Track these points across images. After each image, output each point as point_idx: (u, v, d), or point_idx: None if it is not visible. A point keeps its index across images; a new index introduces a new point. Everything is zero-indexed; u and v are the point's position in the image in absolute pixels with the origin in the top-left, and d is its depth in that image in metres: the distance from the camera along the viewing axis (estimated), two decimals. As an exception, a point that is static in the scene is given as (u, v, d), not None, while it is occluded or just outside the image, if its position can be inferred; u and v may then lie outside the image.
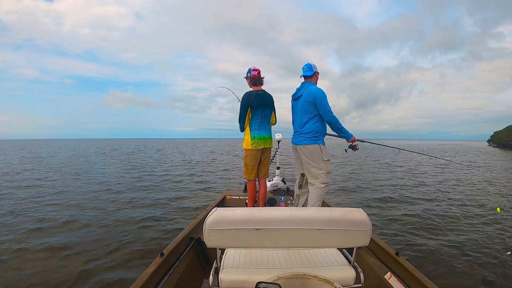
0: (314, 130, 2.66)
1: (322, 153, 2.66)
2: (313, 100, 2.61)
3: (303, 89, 2.70)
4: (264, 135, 2.95)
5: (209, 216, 1.19)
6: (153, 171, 11.49)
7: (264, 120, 2.95)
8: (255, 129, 2.91)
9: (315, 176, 2.65)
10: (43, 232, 4.05)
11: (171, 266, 1.90)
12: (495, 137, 62.53)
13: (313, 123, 2.67)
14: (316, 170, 2.65)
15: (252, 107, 2.87)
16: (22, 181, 8.76)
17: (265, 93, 2.97)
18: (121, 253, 3.29)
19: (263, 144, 2.94)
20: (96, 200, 6.15)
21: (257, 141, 2.90)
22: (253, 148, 2.91)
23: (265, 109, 2.94)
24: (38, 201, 6.03)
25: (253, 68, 2.95)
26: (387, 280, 1.85)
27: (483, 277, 2.79)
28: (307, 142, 2.66)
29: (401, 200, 6.09)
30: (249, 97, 2.87)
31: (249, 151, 2.94)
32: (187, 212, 5.13)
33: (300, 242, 1.22)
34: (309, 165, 2.67)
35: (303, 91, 2.69)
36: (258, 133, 2.91)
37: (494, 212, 5.06)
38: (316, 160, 2.65)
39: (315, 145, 2.66)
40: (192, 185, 8.04)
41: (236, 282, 1.32)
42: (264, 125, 2.95)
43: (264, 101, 2.91)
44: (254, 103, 2.85)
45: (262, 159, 3.05)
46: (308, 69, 2.75)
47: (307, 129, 2.67)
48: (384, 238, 3.63)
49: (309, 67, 2.75)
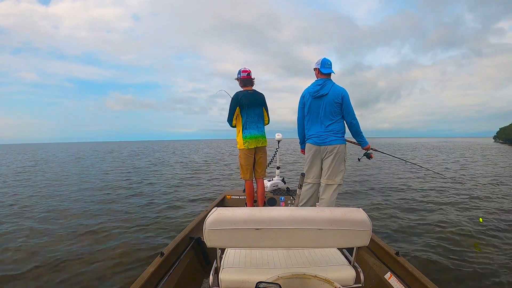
0: (342, 129, 2.64)
1: (345, 153, 2.66)
2: (341, 100, 2.55)
3: (328, 88, 2.55)
4: (256, 134, 2.95)
5: (209, 216, 1.19)
6: (152, 170, 11.49)
7: (255, 119, 2.96)
8: (246, 128, 2.93)
9: (336, 177, 2.60)
10: (42, 232, 4.06)
11: (171, 266, 1.90)
12: (501, 133, 61.70)
13: (339, 123, 2.62)
14: (338, 172, 2.60)
15: (241, 106, 2.89)
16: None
17: (255, 92, 2.99)
18: (121, 253, 3.29)
19: (255, 143, 2.94)
20: (96, 200, 6.16)
21: (249, 141, 2.91)
22: (245, 148, 2.92)
23: (255, 108, 2.95)
24: (36, 200, 6.04)
25: (243, 69, 2.97)
26: (387, 280, 1.85)
27: (484, 277, 2.79)
28: (338, 142, 2.59)
29: (401, 200, 6.09)
30: (238, 96, 2.91)
31: (242, 151, 2.96)
32: (187, 212, 5.13)
33: (300, 242, 1.22)
34: (334, 165, 2.58)
35: (329, 90, 2.55)
36: (249, 132, 2.92)
37: (496, 213, 5.06)
38: (342, 160, 2.61)
39: (343, 145, 2.64)
40: (192, 185, 8.04)
41: (236, 282, 1.32)
42: (255, 124, 2.96)
43: (253, 100, 2.92)
44: (243, 102, 2.88)
45: (257, 159, 3.04)
46: (329, 66, 2.59)
47: (336, 128, 2.60)
48: (384, 238, 3.63)
49: (330, 64, 2.59)
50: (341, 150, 2.59)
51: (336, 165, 2.58)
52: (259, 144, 2.98)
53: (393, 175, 10.15)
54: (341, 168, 2.61)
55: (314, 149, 2.66)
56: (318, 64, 2.62)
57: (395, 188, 7.49)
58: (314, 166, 2.70)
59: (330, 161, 2.58)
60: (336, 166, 2.58)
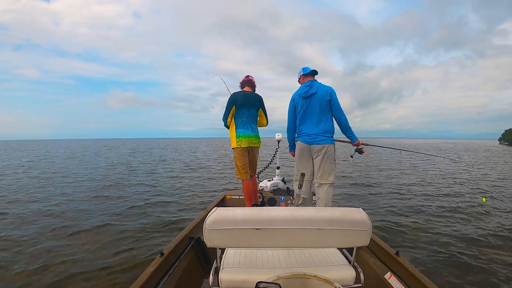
0: (332, 129, 2.72)
1: (335, 152, 2.72)
2: (330, 97, 2.64)
3: (316, 87, 2.67)
4: (249, 134, 2.99)
5: (209, 216, 1.19)
6: (152, 170, 11.49)
7: (250, 119, 3.01)
8: (240, 127, 2.97)
9: (328, 177, 2.66)
10: (41, 232, 4.06)
11: (171, 266, 1.90)
12: (507, 135, 62.19)
13: (329, 122, 2.71)
14: (330, 170, 2.67)
15: (237, 105, 2.94)
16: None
17: (253, 93, 3.04)
18: (120, 253, 3.29)
19: (248, 143, 2.97)
20: (95, 200, 6.15)
21: (242, 139, 2.95)
22: (238, 147, 2.96)
23: (251, 109, 3.00)
24: (33, 200, 6.04)
25: (245, 77, 3.09)
26: (387, 280, 1.85)
27: (484, 277, 2.79)
28: (327, 141, 2.67)
29: (402, 200, 6.09)
30: (234, 96, 2.97)
31: (236, 151, 3.00)
32: (187, 212, 5.13)
33: (300, 242, 1.22)
34: (325, 165, 2.66)
35: (318, 89, 2.66)
36: (243, 132, 2.96)
37: (496, 213, 5.06)
38: (332, 159, 2.68)
39: (332, 145, 2.70)
40: (192, 185, 8.04)
41: (236, 282, 1.32)
42: (249, 124, 3.00)
43: (250, 101, 2.98)
44: (239, 101, 2.93)
45: (250, 157, 3.09)
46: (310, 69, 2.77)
47: (326, 128, 2.68)
48: (384, 238, 3.63)
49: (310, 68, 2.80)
50: (329, 150, 2.66)
51: (326, 164, 2.66)
52: (252, 144, 3.02)
53: (393, 174, 10.15)
54: (332, 167, 2.68)
55: (304, 147, 2.75)
56: (300, 73, 2.82)
57: (395, 188, 7.49)
58: (305, 164, 2.79)
59: (320, 160, 2.66)
60: (327, 165, 2.66)
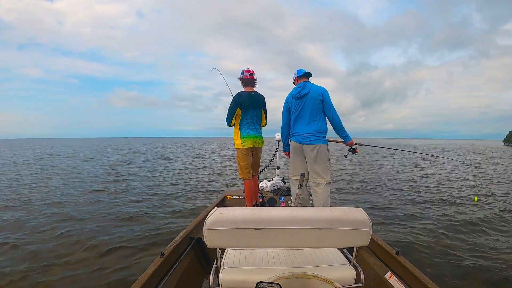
0: (324, 129, 2.73)
1: (328, 152, 2.73)
2: (322, 97, 2.67)
3: (309, 87, 2.71)
4: (254, 135, 3.00)
5: (209, 216, 1.19)
6: (152, 170, 11.48)
7: (254, 120, 3.02)
8: (245, 128, 2.98)
9: (323, 176, 2.67)
10: (41, 232, 4.06)
11: (171, 266, 1.90)
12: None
13: (321, 122, 2.72)
14: (325, 170, 2.67)
15: (242, 107, 2.94)
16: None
17: (257, 94, 3.04)
18: (120, 253, 3.29)
19: (253, 143, 2.99)
20: (94, 199, 6.15)
21: (247, 140, 2.96)
22: (243, 147, 2.97)
23: (256, 110, 3.01)
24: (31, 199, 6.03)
25: (246, 69, 3.02)
26: (388, 280, 1.85)
27: (484, 277, 2.79)
28: (320, 141, 2.68)
29: (402, 200, 6.09)
30: (239, 97, 2.94)
31: (240, 151, 3.01)
32: (187, 212, 5.13)
33: (300, 242, 1.22)
34: (318, 165, 2.67)
35: (310, 89, 2.70)
36: (248, 133, 2.97)
37: (495, 213, 5.06)
38: (325, 159, 2.69)
39: (325, 145, 2.72)
40: (192, 185, 8.04)
41: (236, 282, 1.32)
42: (254, 125, 3.02)
43: (255, 102, 2.98)
44: (245, 103, 2.92)
45: (253, 158, 3.10)
46: (303, 70, 2.82)
47: (318, 128, 2.70)
48: (385, 238, 3.63)
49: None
50: (322, 150, 2.68)
51: (320, 163, 2.67)
52: (256, 144, 3.04)
53: (393, 174, 10.15)
54: (326, 166, 2.69)
55: (297, 147, 2.79)
56: (295, 75, 2.87)
57: (395, 188, 7.49)
58: (298, 163, 2.82)
59: (313, 160, 2.68)
60: (321, 165, 2.67)
